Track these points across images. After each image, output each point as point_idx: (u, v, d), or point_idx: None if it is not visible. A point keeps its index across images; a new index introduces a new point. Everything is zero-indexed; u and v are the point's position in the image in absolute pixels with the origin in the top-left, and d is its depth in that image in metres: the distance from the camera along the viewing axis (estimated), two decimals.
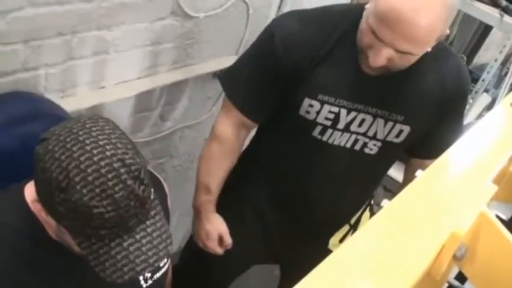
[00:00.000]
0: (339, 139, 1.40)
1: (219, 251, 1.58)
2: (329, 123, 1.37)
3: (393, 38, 1.19)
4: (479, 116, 3.05)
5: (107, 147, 0.86)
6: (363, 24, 1.25)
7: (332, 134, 1.39)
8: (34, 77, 1.39)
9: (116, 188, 0.84)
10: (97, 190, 0.83)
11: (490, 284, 0.72)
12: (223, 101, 1.51)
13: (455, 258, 0.66)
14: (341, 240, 1.66)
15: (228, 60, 1.57)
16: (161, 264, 1.18)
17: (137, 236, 0.88)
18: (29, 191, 0.99)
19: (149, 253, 0.89)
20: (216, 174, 1.51)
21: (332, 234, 1.63)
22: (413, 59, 1.26)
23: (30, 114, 1.25)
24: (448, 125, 1.47)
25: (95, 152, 0.85)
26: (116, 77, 1.65)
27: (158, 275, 1.17)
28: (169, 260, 1.22)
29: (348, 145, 1.41)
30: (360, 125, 1.38)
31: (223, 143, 1.48)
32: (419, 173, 0.80)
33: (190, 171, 2.30)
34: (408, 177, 1.60)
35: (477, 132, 0.93)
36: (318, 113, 1.36)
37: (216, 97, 2.15)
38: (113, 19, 1.49)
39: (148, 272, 1.04)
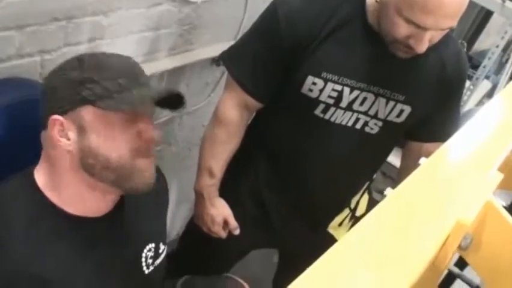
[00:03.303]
0: (341, 118, 1.40)
1: (224, 235, 1.57)
2: (331, 101, 1.37)
3: (437, 21, 1.20)
4: (480, 102, 3.04)
5: None
6: (391, 18, 1.24)
7: (334, 112, 1.39)
8: (29, 63, 1.36)
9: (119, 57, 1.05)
10: (107, 54, 1.04)
11: (495, 273, 0.70)
12: (226, 82, 1.49)
13: (460, 247, 0.64)
14: (340, 224, 1.65)
15: (226, 46, 1.56)
16: (160, 251, 1.19)
17: (148, 88, 1.02)
18: (38, 171, 1.02)
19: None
20: (220, 158, 1.50)
21: (331, 217, 1.63)
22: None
23: (27, 101, 1.23)
24: (446, 109, 1.50)
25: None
26: None
27: (158, 261, 1.18)
28: (166, 246, 1.22)
29: (350, 124, 1.41)
30: (362, 103, 1.38)
31: (227, 125, 1.47)
32: (422, 160, 0.78)
33: (188, 159, 2.28)
34: (406, 161, 1.61)
35: (481, 119, 0.91)
36: (321, 91, 1.35)
37: (214, 83, 2.13)
38: (109, 4, 1.47)
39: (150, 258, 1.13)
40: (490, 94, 3.13)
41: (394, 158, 1.81)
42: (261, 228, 1.61)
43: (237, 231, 1.57)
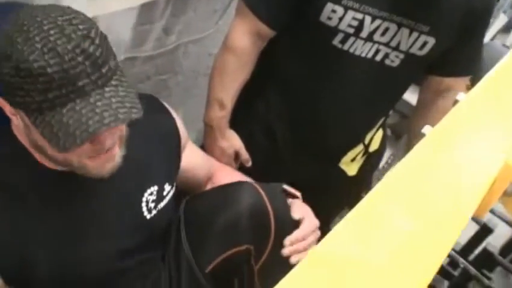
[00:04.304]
0: (361, 49, 1.32)
1: (234, 167, 1.54)
2: (351, 30, 1.29)
3: None
4: (494, 37, 2.94)
5: (52, 9, 0.85)
6: None
7: (353, 42, 1.31)
8: None
9: (59, 42, 0.80)
10: (38, 45, 0.80)
11: None
12: (238, 7, 1.41)
13: (505, 193, 0.59)
14: (353, 159, 1.60)
15: None
16: (165, 193, 1.14)
17: (91, 100, 0.82)
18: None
19: (105, 114, 0.82)
20: (230, 88, 1.44)
21: (344, 152, 1.58)
22: None
23: None
24: (470, 41, 1.41)
25: (39, 14, 0.83)
26: None
27: (162, 204, 1.13)
28: (173, 187, 1.18)
29: (369, 55, 1.34)
30: (383, 34, 1.30)
31: (238, 53, 1.40)
32: (461, 96, 0.72)
33: (194, 88, 2.22)
34: (425, 97, 1.54)
35: None
36: (340, 19, 1.28)
37: (222, 10, 2.03)
38: None
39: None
40: (505, 29, 3.02)
41: (406, 93, 1.74)
42: (271, 161, 1.57)
43: (248, 164, 1.54)
